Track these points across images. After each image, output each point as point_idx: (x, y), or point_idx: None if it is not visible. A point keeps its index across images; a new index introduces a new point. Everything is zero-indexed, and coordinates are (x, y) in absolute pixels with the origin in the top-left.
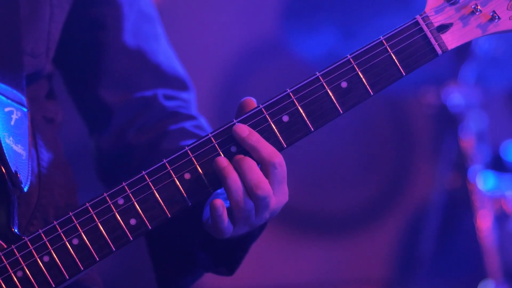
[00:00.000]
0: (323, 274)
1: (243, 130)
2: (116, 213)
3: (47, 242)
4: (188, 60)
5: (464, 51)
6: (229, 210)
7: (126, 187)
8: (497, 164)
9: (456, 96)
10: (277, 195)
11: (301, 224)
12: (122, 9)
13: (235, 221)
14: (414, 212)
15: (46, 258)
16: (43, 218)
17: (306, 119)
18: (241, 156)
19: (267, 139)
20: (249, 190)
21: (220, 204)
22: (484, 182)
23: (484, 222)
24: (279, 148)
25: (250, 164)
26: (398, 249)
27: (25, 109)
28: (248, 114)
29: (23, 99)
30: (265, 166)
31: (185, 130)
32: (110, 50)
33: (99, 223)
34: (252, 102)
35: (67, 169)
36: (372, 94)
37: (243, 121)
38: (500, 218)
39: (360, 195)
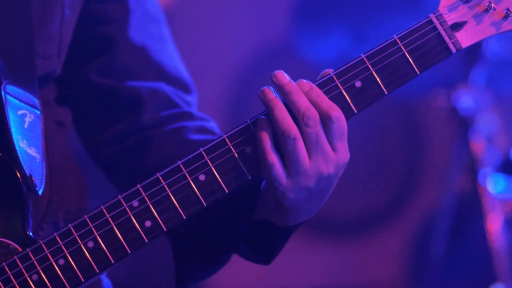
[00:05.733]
0: (334, 277)
1: (303, 84)
2: (131, 215)
3: (62, 246)
4: (198, 63)
5: (474, 54)
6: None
7: (141, 189)
8: (507, 167)
9: (466, 99)
10: (337, 153)
11: (311, 227)
12: (128, 5)
13: (287, 163)
14: (424, 215)
15: (61, 262)
16: (53, 222)
17: None
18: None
19: None
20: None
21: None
22: (494, 185)
23: (494, 225)
24: None
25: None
26: (409, 252)
27: (38, 112)
28: None
29: (36, 101)
30: (322, 120)
31: (205, 128)
32: (114, 44)
33: (114, 226)
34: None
35: (78, 174)
36: (386, 93)
37: None
38: (510, 221)
39: (371, 197)
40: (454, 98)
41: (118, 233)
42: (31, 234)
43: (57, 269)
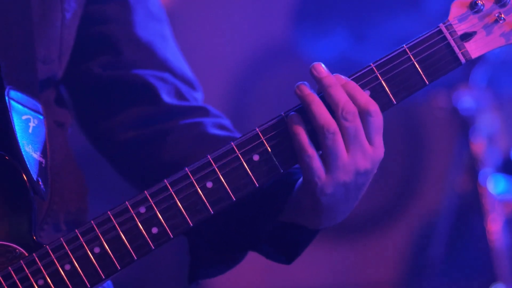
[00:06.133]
0: (334, 277)
1: (340, 77)
2: (138, 222)
3: (68, 251)
4: (198, 63)
5: None
6: (320, 156)
7: (148, 196)
8: (507, 168)
9: (467, 99)
10: (374, 147)
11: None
12: (130, 3)
13: (326, 157)
14: (425, 215)
15: (67, 267)
16: (54, 223)
17: None
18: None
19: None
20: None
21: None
22: (495, 185)
23: (495, 225)
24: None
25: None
26: (409, 252)
27: (41, 117)
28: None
29: (39, 106)
30: (360, 115)
31: (223, 125)
32: (118, 42)
33: (121, 232)
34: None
35: (78, 174)
36: (395, 103)
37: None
38: (511, 221)
39: (371, 198)
40: (454, 98)
41: (124, 239)
42: (37, 239)
43: (63, 274)
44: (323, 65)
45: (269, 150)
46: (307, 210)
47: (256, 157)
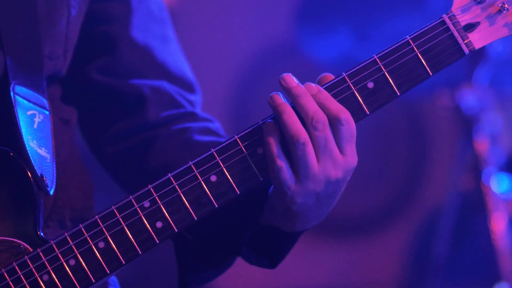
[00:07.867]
0: (336, 276)
1: (311, 87)
2: (142, 216)
3: (73, 246)
4: (200, 63)
5: (478, 53)
6: (291, 166)
7: (152, 189)
8: (511, 167)
9: (470, 99)
10: (345, 156)
11: (314, 226)
12: (131, 4)
13: (296, 167)
14: (428, 214)
15: (72, 262)
16: (59, 220)
17: None
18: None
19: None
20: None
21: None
22: (498, 184)
23: (498, 224)
24: None
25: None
26: (412, 252)
27: (47, 112)
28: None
29: (45, 102)
30: (331, 124)
31: (210, 129)
32: (116, 44)
33: (125, 226)
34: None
35: (84, 171)
36: (399, 94)
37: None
38: None
39: (374, 197)
40: (458, 97)
41: (129, 233)
42: (42, 234)
43: (68, 270)
44: (292, 76)
45: None
46: (279, 213)
47: (260, 150)
